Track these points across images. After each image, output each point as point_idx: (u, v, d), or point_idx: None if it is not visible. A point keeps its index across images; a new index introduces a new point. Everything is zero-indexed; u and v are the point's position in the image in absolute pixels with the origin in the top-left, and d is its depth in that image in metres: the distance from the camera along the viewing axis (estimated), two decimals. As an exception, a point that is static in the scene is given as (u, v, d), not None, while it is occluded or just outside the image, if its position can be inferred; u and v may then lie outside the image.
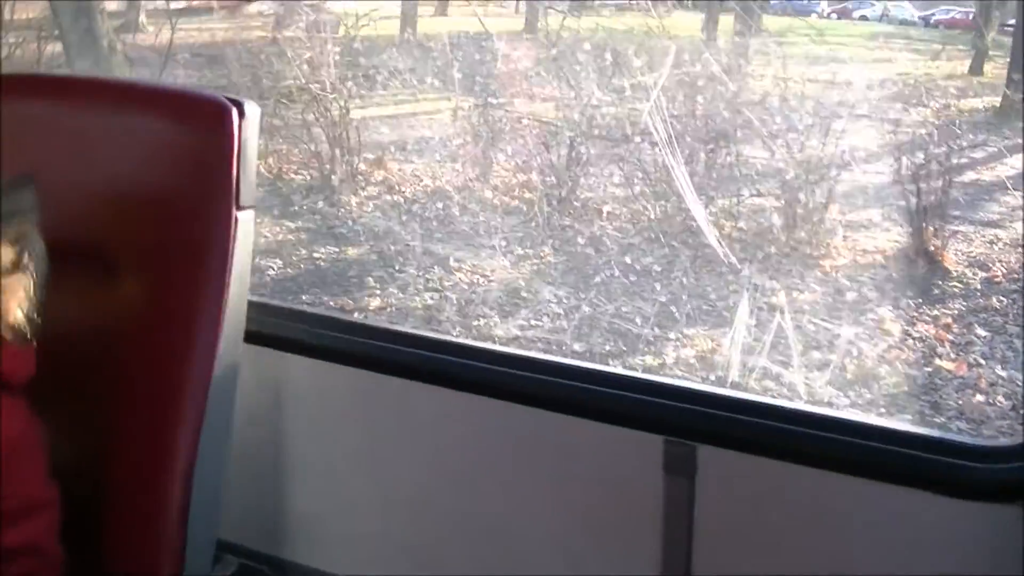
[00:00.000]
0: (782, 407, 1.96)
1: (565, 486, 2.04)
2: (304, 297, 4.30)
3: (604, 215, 4.03)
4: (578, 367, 2.12)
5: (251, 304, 1.90)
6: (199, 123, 1.88)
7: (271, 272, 4.45)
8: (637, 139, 4.12)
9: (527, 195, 4.30)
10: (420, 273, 4.31)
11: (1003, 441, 1.86)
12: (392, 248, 4.36)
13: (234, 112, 1.84)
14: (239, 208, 1.85)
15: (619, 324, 3.77)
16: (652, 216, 4.08)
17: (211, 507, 1.90)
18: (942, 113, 3.66)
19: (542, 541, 2.12)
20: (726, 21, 4.52)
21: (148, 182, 1.90)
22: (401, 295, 4.27)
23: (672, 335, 3.80)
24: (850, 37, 3.96)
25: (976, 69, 3.51)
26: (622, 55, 4.21)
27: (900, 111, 3.60)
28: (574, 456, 2.03)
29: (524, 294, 4.13)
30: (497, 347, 2.54)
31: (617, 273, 3.95)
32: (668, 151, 3.86)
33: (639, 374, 2.37)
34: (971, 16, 3.48)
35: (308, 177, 4.84)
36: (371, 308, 4.20)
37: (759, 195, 4.00)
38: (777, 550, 1.96)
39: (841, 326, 3.60)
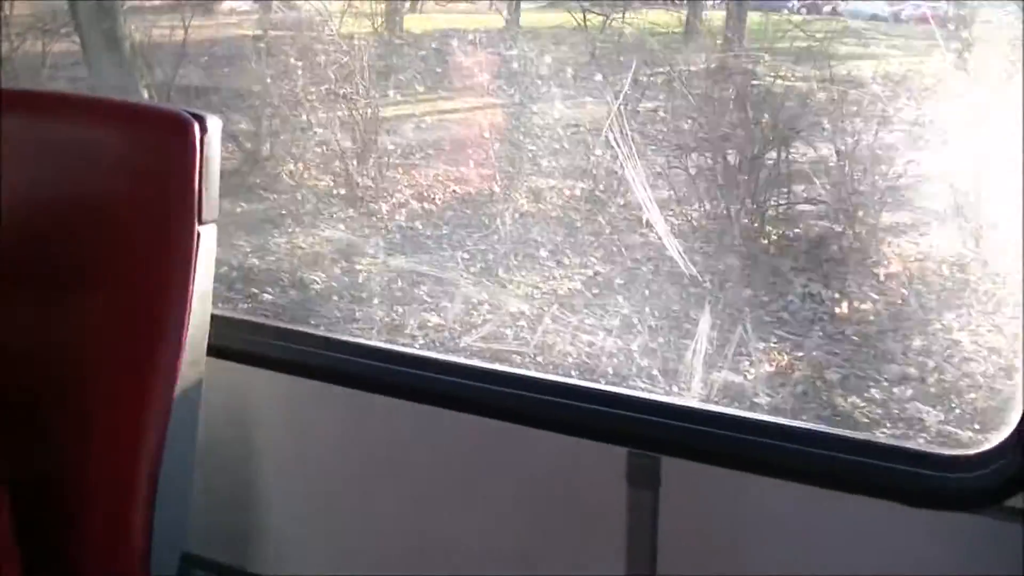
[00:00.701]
0: (745, 418, 2.00)
1: (530, 498, 2.08)
2: (357, 314, 4.20)
3: (644, 222, 3.90)
4: (543, 379, 2.15)
5: (215, 318, 1.91)
6: (160, 137, 1.90)
7: (316, 286, 4.38)
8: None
9: (560, 201, 4.15)
10: (471, 284, 4.16)
11: (966, 451, 1.85)
12: (432, 257, 4.25)
13: (196, 126, 1.85)
14: (201, 223, 1.89)
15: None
16: (699, 221, 3.93)
17: (176, 522, 1.93)
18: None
19: (507, 553, 2.19)
20: (715, 16, 4.43)
21: (111, 196, 1.94)
22: (456, 310, 4.12)
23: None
24: (825, 33, 3.90)
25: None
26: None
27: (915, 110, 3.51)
28: (539, 468, 2.07)
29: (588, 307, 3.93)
30: (461, 360, 2.55)
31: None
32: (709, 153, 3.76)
33: (603, 386, 2.37)
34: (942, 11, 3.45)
35: (332, 183, 4.68)
36: (430, 325, 4.09)
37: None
38: (741, 561, 2.02)
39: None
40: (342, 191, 4.59)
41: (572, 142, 4.15)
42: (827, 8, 3.90)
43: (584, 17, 4.30)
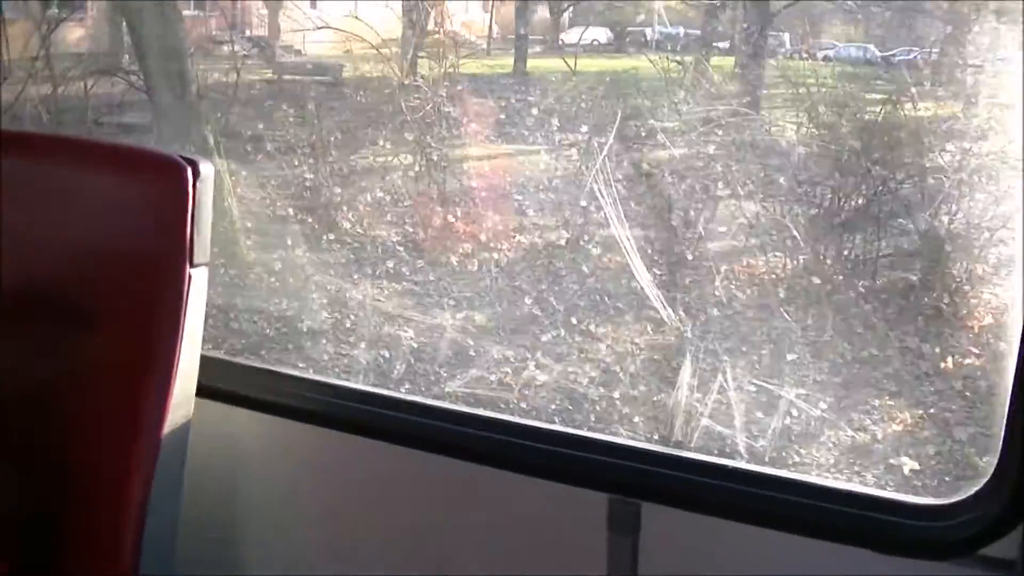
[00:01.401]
0: (726, 466, 2.04)
1: (510, 542, 2.14)
2: (456, 375, 4.11)
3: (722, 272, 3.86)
4: (524, 425, 2.20)
5: (203, 359, 1.92)
6: (154, 181, 1.97)
7: (405, 343, 4.31)
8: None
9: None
10: (564, 338, 4.10)
11: (938, 500, 1.88)
12: (517, 312, 4.19)
13: (188, 171, 1.90)
14: (192, 265, 1.94)
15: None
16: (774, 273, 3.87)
17: (163, 562, 1.95)
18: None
19: None
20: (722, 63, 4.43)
21: (104, 239, 2.01)
22: (558, 365, 4.03)
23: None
24: (823, 79, 3.91)
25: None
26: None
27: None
28: (519, 512, 2.14)
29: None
30: (444, 404, 2.58)
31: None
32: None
33: (583, 432, 2.39)
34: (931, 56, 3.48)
35: (395, 234, 4.64)
36: (537, 383, 3.99)
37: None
38: None
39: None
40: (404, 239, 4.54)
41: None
42: (820, 54, 3.92)
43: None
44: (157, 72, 4.60)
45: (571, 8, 4.89)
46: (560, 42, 4.82)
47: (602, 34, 4.72)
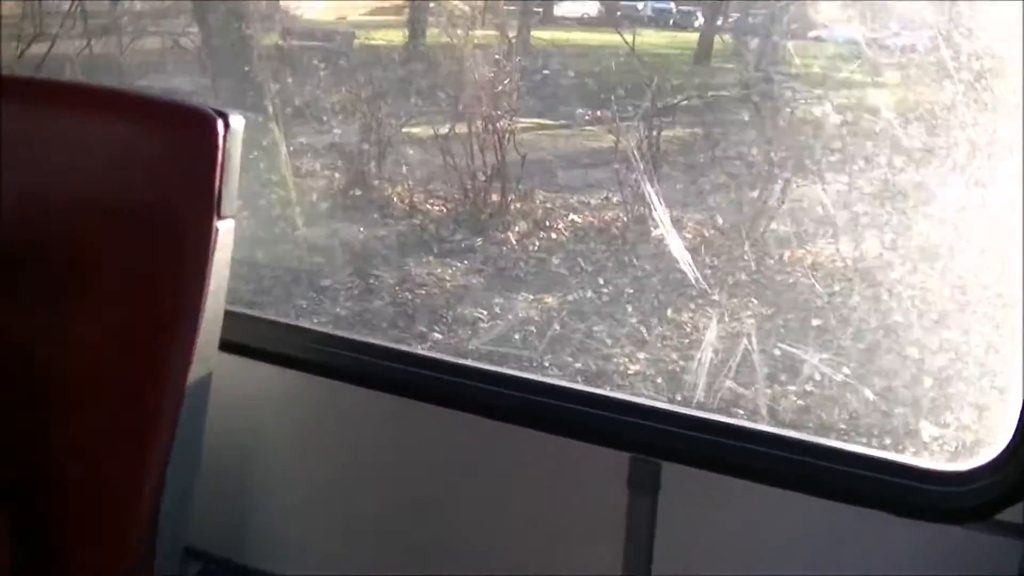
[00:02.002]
0: (747, 428, 2.10)
1: (530, 500, 2.21)
2: (546, 360, 4.04)
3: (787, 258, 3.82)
4: (545, 383, 2.23)
5: (225, 313, 1.92)
6: (184, 133, 1.98)
7: (482, 324, 4.26)
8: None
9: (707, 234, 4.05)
10: (645, 322, 4.07)
11: (955, 466, 1.92)
12: (585, 295, 4.17)
13: (219, 123, 1.90)
14: (220, 218, 1.99)
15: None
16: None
17: (181, 515, 2.07)
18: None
19: (504, 554, 2.31)
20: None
21: (130, 190, 2.05)
22: (643, 354, 3.99)
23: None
24: (814, 59, 3.92)
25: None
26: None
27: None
28: (541, 470, 2.19)
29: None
30: (468, 362, 2.60)
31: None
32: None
33: (606, 391, 2.41)
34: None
35: (444, 209, 4.60)
36: (630, 373, 3.94)
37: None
38: (737, 568, 2.15)
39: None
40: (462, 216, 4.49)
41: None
42: (812, 34, 3.93)
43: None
44: (218, 33, 4.45)
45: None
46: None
47: (592, 7, 4.70)
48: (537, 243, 4.38)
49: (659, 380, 3.79)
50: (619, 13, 4.54)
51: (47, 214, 2.15)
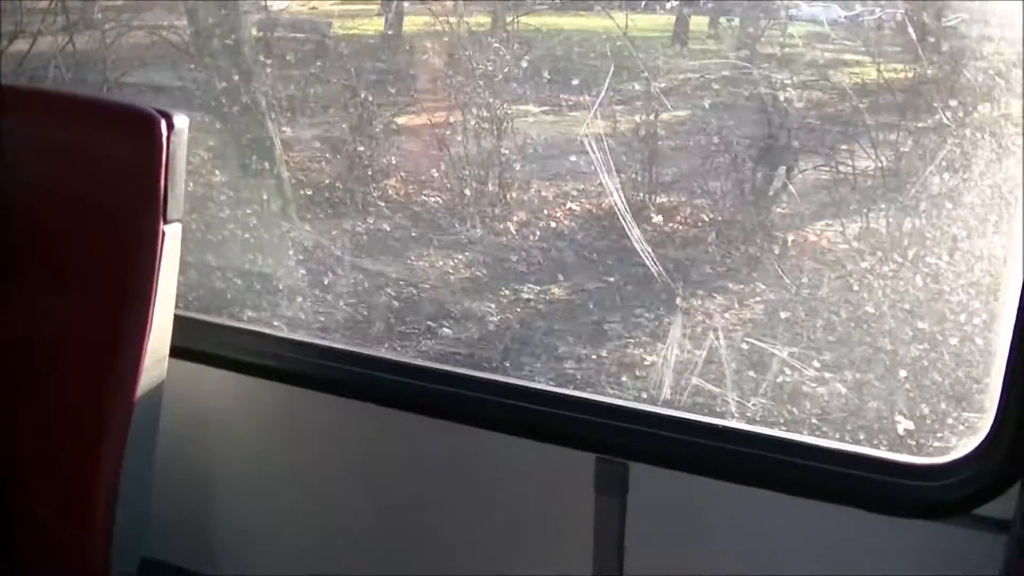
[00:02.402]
0: (714, 425, 2.05)
1: (495, 504, 2.17)
2: (561, 349, 3.89)
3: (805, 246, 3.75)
4: (508, 384, 2.19)
5: (176, 318, 1.86)
6: (127, 135, 1.94)
7: (492, 318, 4.10)
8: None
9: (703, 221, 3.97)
10: (658, 315, 3.90)
11: (932, 459, 1.86)
12: (593, 286, 4.03)
13: (163, 124, 1.84)
14: (166, 222, 1.93)
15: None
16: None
17: (137, 524, 2.05)
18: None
19: (471, 559, 2.28)
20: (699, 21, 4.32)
21: (75, 193, 2.03)
22: (661, 346, 3.82)
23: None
24: (790, 38, 3.82)
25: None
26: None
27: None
28: (505, 473, 2.14)
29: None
30: (427, 363, 2.53)
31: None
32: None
33: (571, 391, 2.35)
34: (898, 16, 3.41)
35: (441, 200, 4.43)
36: (647, 364, 3.77)
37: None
38: (709, 567, 2.12)
39: None
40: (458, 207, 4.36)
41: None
42: (781, 13, 3.83)
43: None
44: (205, 28, 4.38)
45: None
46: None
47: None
48: (537, 232, 4.30)
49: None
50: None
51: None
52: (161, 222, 1.99)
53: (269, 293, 4.18)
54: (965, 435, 2.04)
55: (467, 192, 4.27)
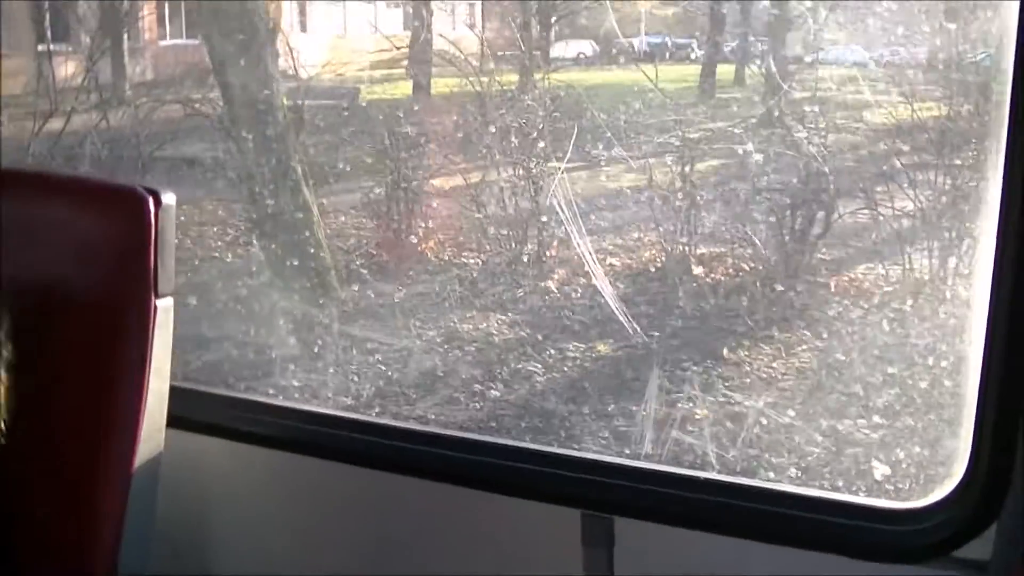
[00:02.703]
0: (697, 478, 2.08)
1: (484, 562, 2.19)
2: (610, 408, 3.89)
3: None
4: (493, 443, 2.23)
5: (173, 389, 1.92)
6: (115, 213, 2.00)
7: (538, 378, 4.12)
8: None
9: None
10: (706, 370, 3.90)
11: (910, 504, 1.88)
12: (638, 343, 4.02)
13: (150, 201, 1.89)
14: (158, 296, 1.95)
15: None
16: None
17: None
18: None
19: None
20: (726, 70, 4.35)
21: (65, 272, 2.05)
22: (715, 401, 3.77)
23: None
24: (821, 80, 3.84)
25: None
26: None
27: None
28: (492, 532, 2.19)
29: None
30: (415, 426, 2.58)
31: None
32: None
33: (554, 448, 2.39)
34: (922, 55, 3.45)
35: (480, 260, 4.44)
36: (697, 417, 3.71)
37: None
38: None
39: None
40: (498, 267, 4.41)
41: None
42: (808, 58, 3.86)
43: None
44: (239, 99, 4.43)
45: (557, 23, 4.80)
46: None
47: (587, 47, 4.66)
48: (579, 290, 4.29)
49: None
50: (615, 51, 4.47)
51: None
52: (153, 297, 2.05)
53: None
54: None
55: (505, 253, 4.32)
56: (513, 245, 4.34)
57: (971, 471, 1.87)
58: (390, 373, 4.20)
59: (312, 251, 4.36)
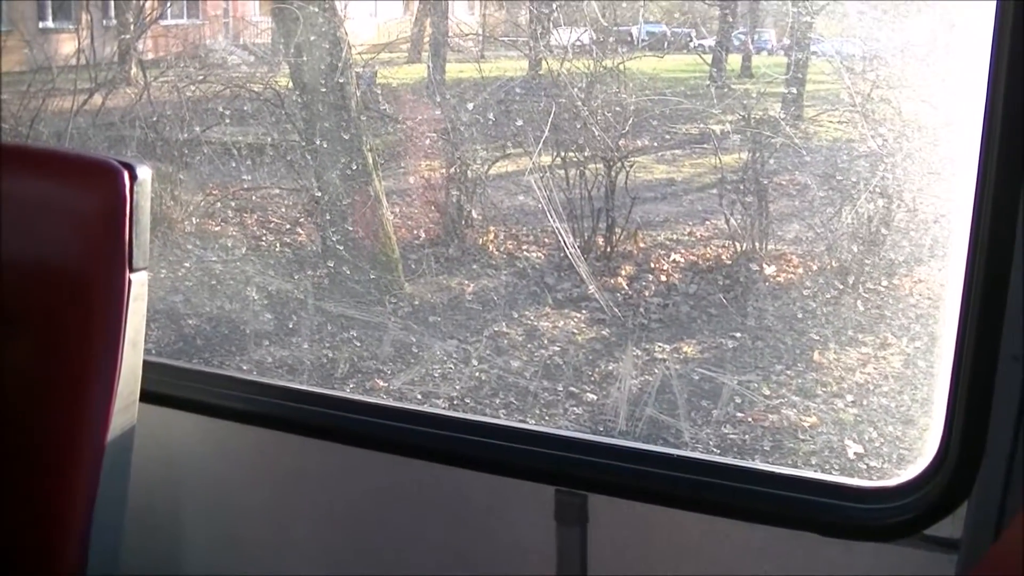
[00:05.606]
0: (671, 455, 2.09)
1: (458, 538, 2.23)
2: (714, 413, 3.87)
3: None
4: (469, 420, 2.23)
5: (145, 364, 1.89)
6: (90, 186, 2.00)
7: (631, 380, 4.06)
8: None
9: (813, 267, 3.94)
10: (799, 372, 3.90)
11: (881, 482, 1.89)
12: (725, 342, 4.03)
13: (125, 175, 1.87)
14: (132, 270, 1.94)
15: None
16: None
17: (109, 568, 1.92)
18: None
19: None
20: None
21: (40, 245, 2.06)
22: (814, 405, 3.78)
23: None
24: (822, 74, 3.86)
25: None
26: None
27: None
28: (466, 508, 2.20)
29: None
30: (389, 402, 2.57)
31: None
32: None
33: (529, 425, 2.38)
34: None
35: (543, 255, 4.38)
36: (806, 425, 3.75)
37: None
38: None
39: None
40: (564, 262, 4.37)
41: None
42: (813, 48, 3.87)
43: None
44: (312, 84, 4.38)
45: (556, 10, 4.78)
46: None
47: (585, 35, 4.65)
48: (652, 287, 4.22)
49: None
50: (612, 39, 4.46)
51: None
52: (127, 271, 2.06)
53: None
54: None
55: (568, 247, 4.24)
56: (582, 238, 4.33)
57: (943, 451, 1.89)
58: (477, 373, 4.11)
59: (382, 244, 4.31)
